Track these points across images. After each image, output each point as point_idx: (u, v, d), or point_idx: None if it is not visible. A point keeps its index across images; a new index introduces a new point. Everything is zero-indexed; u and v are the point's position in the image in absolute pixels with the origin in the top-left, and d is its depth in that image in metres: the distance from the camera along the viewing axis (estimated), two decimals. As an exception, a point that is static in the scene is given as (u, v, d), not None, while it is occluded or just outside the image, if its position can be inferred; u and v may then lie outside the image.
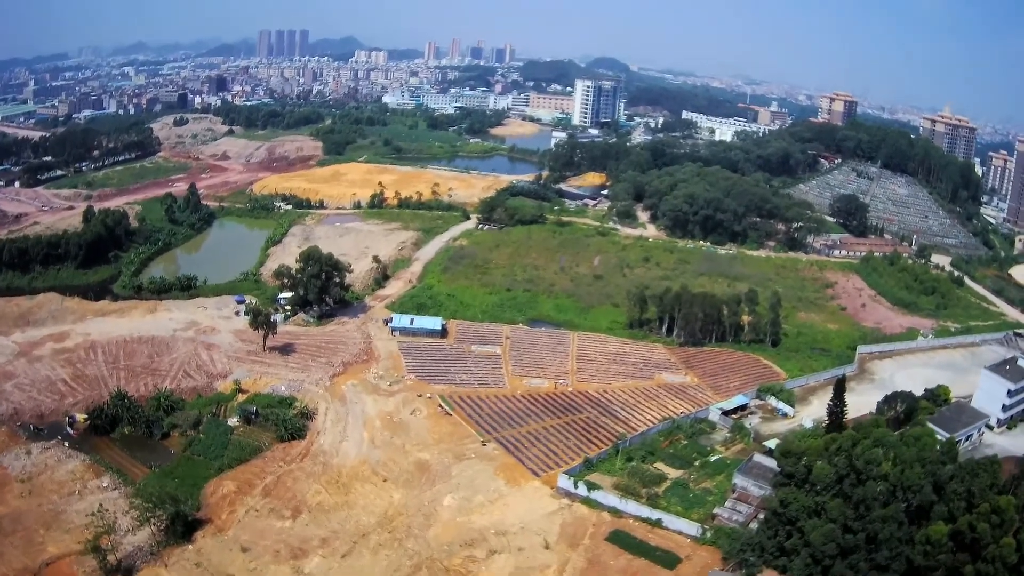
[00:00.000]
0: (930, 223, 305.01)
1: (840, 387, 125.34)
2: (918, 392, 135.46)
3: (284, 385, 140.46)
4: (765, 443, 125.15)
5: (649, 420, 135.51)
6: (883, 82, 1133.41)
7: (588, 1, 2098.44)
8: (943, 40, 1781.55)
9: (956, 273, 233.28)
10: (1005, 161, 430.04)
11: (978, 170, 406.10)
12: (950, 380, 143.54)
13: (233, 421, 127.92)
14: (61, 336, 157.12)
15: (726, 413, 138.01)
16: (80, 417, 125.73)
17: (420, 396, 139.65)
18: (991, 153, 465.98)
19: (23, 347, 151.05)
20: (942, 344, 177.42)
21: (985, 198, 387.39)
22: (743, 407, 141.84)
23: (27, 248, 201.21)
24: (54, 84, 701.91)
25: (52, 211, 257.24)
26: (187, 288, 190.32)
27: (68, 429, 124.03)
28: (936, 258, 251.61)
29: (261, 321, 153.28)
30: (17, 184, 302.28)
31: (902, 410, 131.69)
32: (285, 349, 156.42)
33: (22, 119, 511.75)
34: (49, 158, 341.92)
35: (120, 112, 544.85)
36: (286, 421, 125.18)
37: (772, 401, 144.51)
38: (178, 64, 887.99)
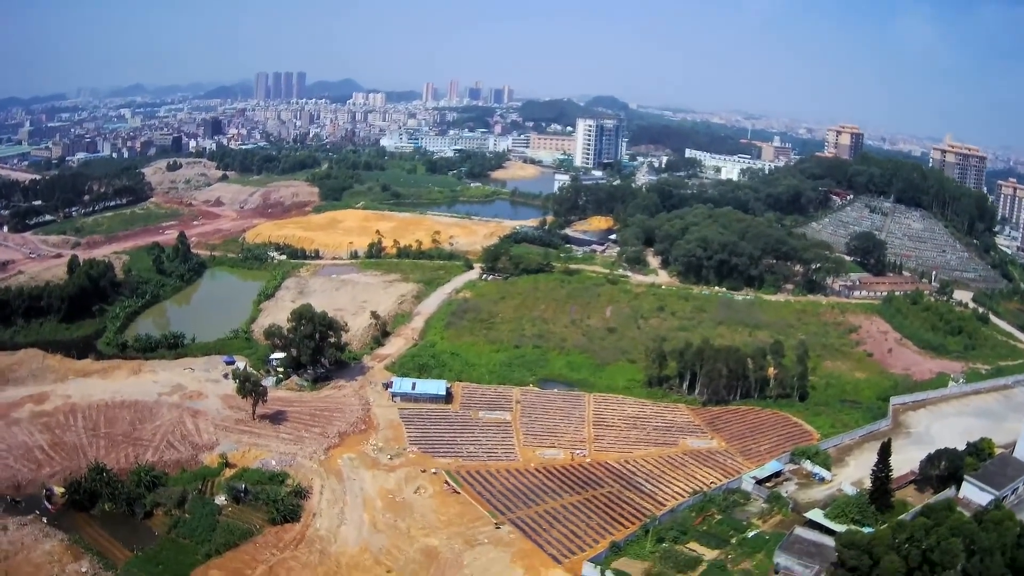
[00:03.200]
0: (948, 257, 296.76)
1: (885, 451, 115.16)
2: (958, 445, 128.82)
3: (275, 459, 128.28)
4: (805, 513, 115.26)
5: (678, 493, 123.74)
6: (880, 112, 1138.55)
7: (584, 40, 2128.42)
8: (937, 68, 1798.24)
9: (980, 309, 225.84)
10: (1015, 189, 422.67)
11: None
12: (989, 429, 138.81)
13: (221, 500, 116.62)
14: (41, 397, 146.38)
15: (760, 482, 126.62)
16: (58, 490, 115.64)
17: (424, 471, 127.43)
18: (999, 181, 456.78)
19: (1, 409, 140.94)
20: (974, 389, 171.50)
21: (996, 227, 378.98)
22: (778, 473, 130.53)
23: (9, 300, 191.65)
24: (50, 125, 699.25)
25: (39, 259, 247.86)
26: (174, 347, 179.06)
27: (46, 503, 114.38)
28: (958, 294, 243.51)
29: (249, 388, 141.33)
30: (5, 229, 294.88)
31: (946, 468, 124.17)
32: (276, 417, 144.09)
33: (16, 160, 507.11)
34: (39, 202, 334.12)
35: (114, 155, 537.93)
36: (278, 501, 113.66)
37: (807, 465, 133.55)
38: (175, 106, 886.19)
